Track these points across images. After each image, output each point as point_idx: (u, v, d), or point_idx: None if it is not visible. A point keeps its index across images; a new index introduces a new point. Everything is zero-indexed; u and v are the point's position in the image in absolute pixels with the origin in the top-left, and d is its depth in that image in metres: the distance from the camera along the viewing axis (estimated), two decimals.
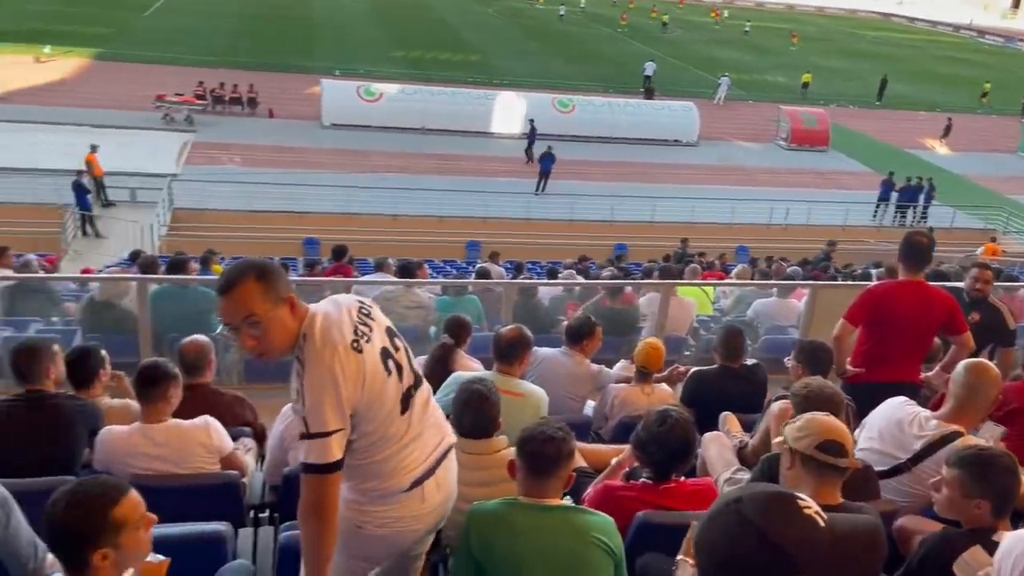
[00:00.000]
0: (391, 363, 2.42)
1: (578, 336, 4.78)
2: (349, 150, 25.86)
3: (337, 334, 2.30)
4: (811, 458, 2.50)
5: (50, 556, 2.58)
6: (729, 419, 3.95)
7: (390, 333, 2.50)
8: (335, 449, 2.28)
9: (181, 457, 3.31)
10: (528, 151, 26.43)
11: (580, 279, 9.78)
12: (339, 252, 10.07)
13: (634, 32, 53.73)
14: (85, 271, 12.31)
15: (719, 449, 3.52)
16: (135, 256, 10.72)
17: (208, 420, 3.43)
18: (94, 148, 19.35)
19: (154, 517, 2.16)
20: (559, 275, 10.48)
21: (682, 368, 4.89)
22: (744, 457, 3.56)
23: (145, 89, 27.30)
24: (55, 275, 8.75)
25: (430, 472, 2.55)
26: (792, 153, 30.93)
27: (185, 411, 3.53)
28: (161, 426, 3.34)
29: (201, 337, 4.14)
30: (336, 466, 2.31)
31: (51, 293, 7.43)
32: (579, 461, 3.22)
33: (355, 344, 2.31)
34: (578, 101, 30.59)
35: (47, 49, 32.10)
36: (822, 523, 1.51)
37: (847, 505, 2.52)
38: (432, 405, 2.64)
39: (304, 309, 2.34)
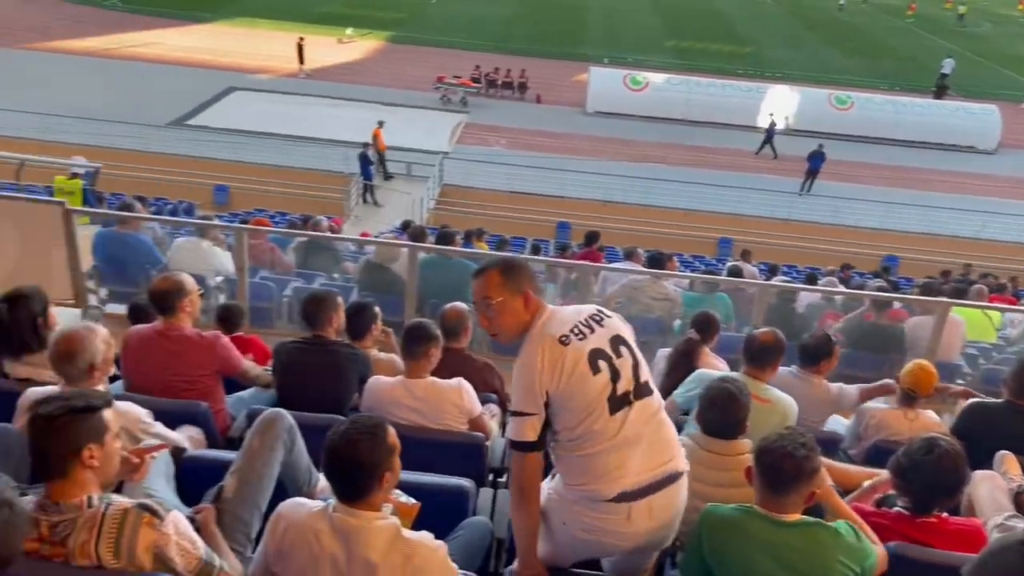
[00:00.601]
0: (602, 363, 2.47)
1: (815, 356, 4.32)
2: (609, 138, 26.10)
3: (552, 328, 2.50)
4: None
5: (322, 481, 2.91)
6: (1008, 459, 3.50)
7: (618, 341, 2.54)
8: (528, 431, 2.46)
9: (435, 413, 3.56)
10: (765, 146, 25.23)
11: (842, 288, 9.14)
12: (591, 237, 10.23)
13: (923, 23, 48.78)
14: (363, 235, 13.54)
15: (991, 490, 3.15)
16: (406, 225, 11.62)
17: (461, 382, 3.65)
18: (380, 124, 21.19)
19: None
20: (818, 282, 9.86)
21: (958, 388, 4.41)
22: (1021, 503, 3.16)
23: (428, 71, 29.39)
24: (339, 236, 9.71)
25: (643, 492, 2.48)
26: None
27: (441, 371, 3.79)
28: (421, 382, 3.62)
29: (461, 305, 4.41)
30: (528, 447, 2.47)
31: (335, 252, 8.28)
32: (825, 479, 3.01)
33: (563, 339, 2.46)
34: (857, 98, 28.51)
35: (349, 31, 35.58)
36: None
37: None
38: (662, 421, 2.59)
39: (539, 304, 2.56)
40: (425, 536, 2.22)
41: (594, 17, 43.95)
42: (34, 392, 3.10)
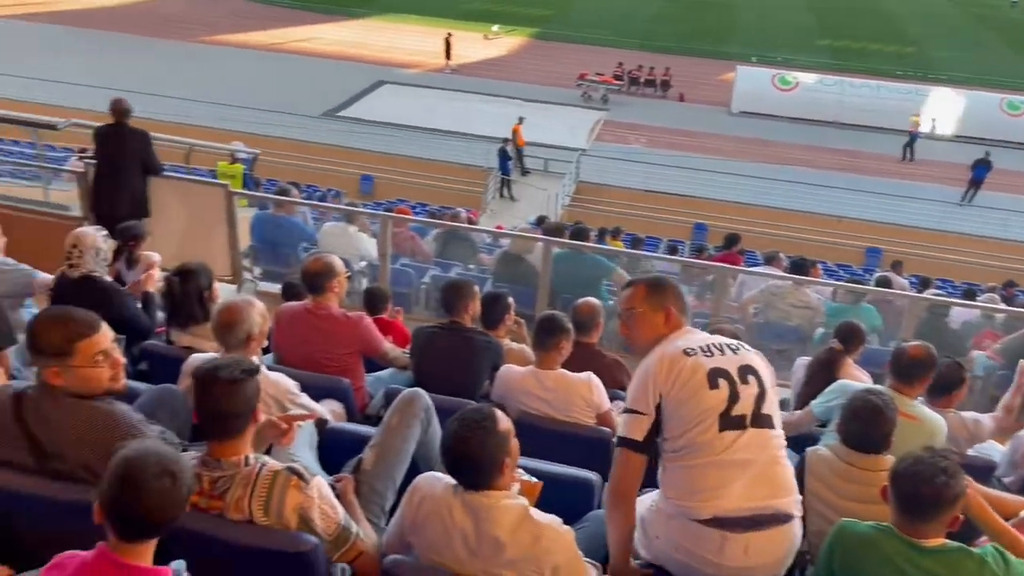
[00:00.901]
0: (723, 382, 2.44)
1: (946, 387, 3.86)
2: (752, 139, 25.34)
3: (681, 342, 2.55)
4: None
5: None
6: None
7: (747, 370, 2.49)
8: (635, 429, 2.48)
9: (564, 405, 3.59)
10: (907, 150, 23.74)
11: (1004, 306, 8.50)
12: (731, 239, 9.97)
13: None
14: (498, 228, 13.76)
15: None
16: (540, 220, 11.74)
17: (591, 376, 3.67)
18: (521, 120, 21.46)
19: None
20: (976, 298, 9.21)
21: None
22: None
23: (571, 68, 29.48)
24: (476, 227, 9.93)
25: (741, 524, 2.36)
26: None
27: (571, 365, 3.82)
28: (552, 373, 3.66)
29: (594, 300, 4.42)
30: (633, 445, 2.47)
31: (472, 243, 8.48)
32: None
33: (689, 350, 2.50)
34: None
35: (495, 28, 36.19)
36: None
37: None
38: (779, 459, 2.47)
39: (679, 323, 2.65)
40: (554, 519, 2.25)
41: (744, 15, 42.66)
42: (197, 358, 3.37)
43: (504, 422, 2.29)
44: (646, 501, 2.64)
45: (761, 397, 2.47)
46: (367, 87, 27.67)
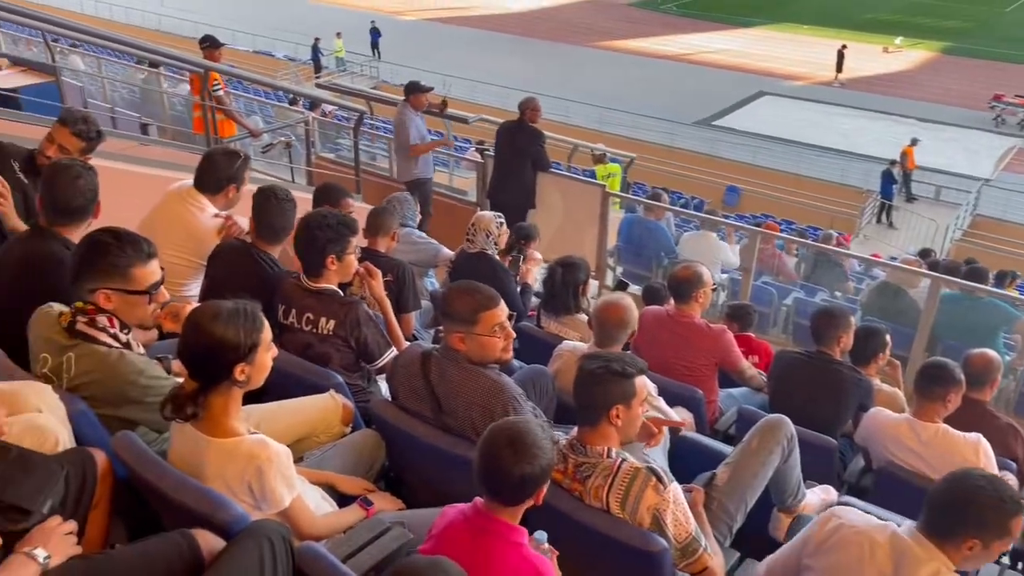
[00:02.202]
0: None
1: None
2: None
3: None
4: None
5: (809, 497, 2.88)
6: None
7: None
8: None
9: (940, 463, 3.19)
10: None
11: None
12: None
13: None
14: (873, 256, 12.70)
15: None
16: (924, 253, 10.56)
17: (980, 439, 3.23)
18: (914, 141, 19.50)
19: None
20: None
21: None
22: None
23: (983, 87, 26.14)
24: (850, 252, 9.27)
25: None
26: None
27: (956, 421, 3.40)
28: (931, 426, 3.29)
29: (991, 353, 3.88)
30: None
31: (843, 269, 7.93)
32: None
33: None
34: None
35: (898, 40, 33.22)
36: None
37: None
38: None
39: None
40: None
41: None
42: (568, 344, 3.59)
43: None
44: None
45: None
46: (746, 97, 27.15)
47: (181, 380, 2.36)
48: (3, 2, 7.22)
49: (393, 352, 3.13)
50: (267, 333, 2.12)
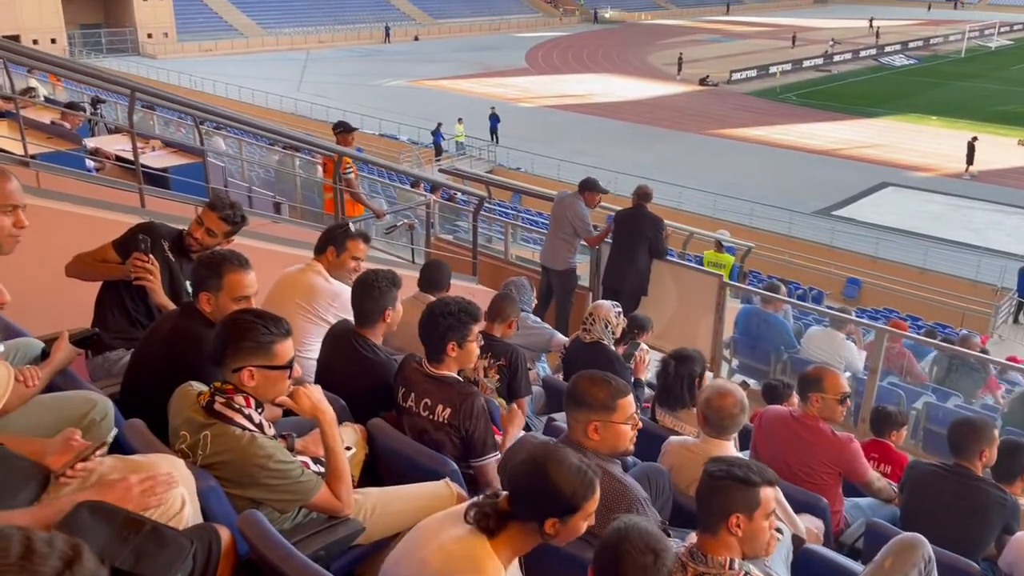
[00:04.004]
0: None
1: None
2: None
3: None
4: None
5: None
6: None
7: None
8: None
9: None
10: None
11: None
12: None
13: None
14: (1011, 359, 11.86)
15: None
16: None
17: None
18: None
19: None
20: None
21: None
22: None
23: None
24: (988, 357, 8.70)
25: None
26: None
27: None
28: None
29: None
30: None
31: (982, 374, 7.42)
32: None
33: None
34: None
35: None
36: None
37: None
38: None
39: None
40: None
41: None
42: (676, 439, 3.49)
43: None
44: None
45: None
46: (869, 187, 26.40)
47: (306, 459, 2.42)
48: (159, 89, 7.92)
49: (497, 456, 3.08)
50: (593, 505, 2.08)
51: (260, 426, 2.37)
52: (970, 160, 27.31)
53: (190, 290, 3.32)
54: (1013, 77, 45.07)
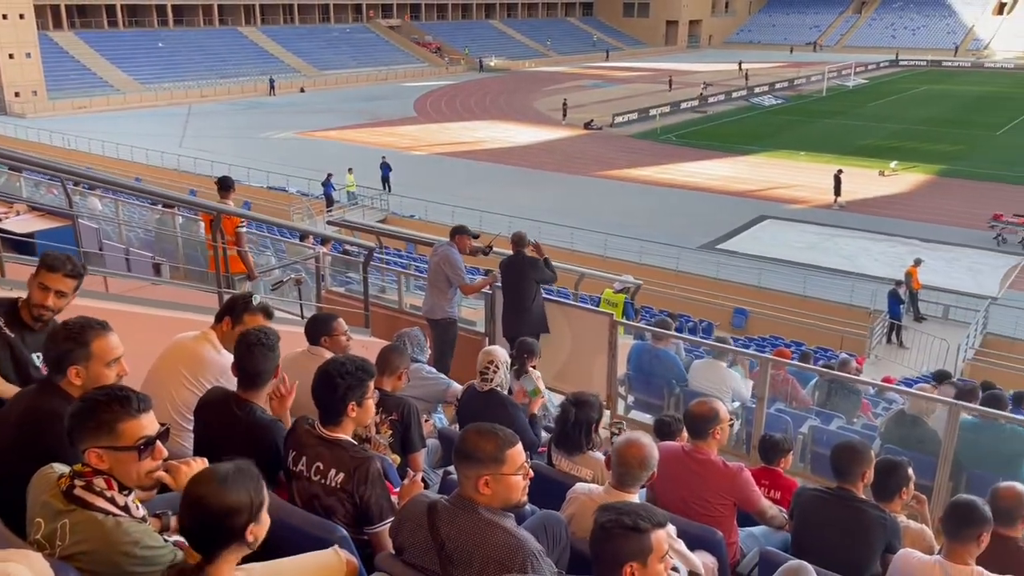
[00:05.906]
0: None
1: None
2: None
3: None
4: None
5: None
6: None
7: None
8: None
9: None
10: None
11: None
12: None
13: None
14: (885, 380, 12.55)
15: None
16: (940, 376, 10.43)
17: None
18: (917, 262, 19.71)
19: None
20: None
21: None
22: None
23: (981, 207, 26.68)
24: (863, 379, 9.15)
25: None
26: None
27: (986, 560, 3.24)
28: (966, 569, 3.13)
29: (1020, 486, 3.73)
30: None
31: (858, 395, 7.80)
32: None
33: None
34: None
35: (893, 164, 34.12)
36: None
37: None
38: None
39: None
40: None
41: None
42: (583, 487, 3.48)
43: None
44: None
45: None
46: (748, 221, 27.66)
47: (179, 539, 2.28)
48: (21, 152, 7.51)
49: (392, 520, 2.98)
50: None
51: (126, 508, 2.21)
52: (837, 191, 29.05)
53: (38, 363, 3.10)
54: (870, 113, 48.56)
